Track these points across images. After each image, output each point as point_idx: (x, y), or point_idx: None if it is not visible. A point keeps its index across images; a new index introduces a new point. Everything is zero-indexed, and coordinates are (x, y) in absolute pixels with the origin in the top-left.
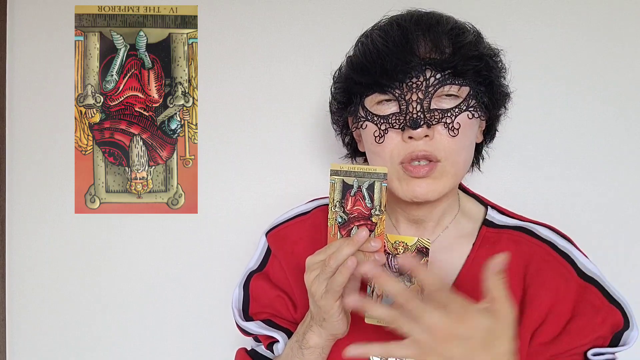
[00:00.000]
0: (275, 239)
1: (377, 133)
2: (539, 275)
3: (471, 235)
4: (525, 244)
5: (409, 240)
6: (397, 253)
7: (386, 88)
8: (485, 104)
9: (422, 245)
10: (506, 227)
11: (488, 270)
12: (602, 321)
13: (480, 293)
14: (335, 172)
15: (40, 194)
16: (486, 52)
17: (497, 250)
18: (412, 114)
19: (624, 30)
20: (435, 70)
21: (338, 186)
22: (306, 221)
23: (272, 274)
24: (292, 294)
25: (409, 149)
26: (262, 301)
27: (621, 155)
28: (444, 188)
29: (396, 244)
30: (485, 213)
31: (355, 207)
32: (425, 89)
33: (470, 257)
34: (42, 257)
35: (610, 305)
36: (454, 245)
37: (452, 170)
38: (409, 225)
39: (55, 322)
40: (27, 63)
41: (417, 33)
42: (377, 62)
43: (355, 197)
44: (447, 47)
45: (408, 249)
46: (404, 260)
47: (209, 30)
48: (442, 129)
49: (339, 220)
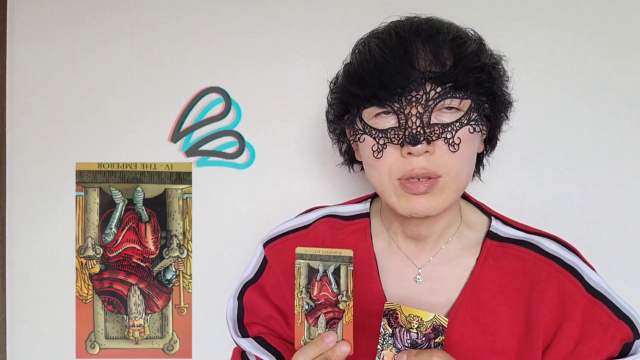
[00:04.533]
0: (274, 253)
1: (376, 147)
2: (544, 293)
3: (475, 247)
4: (531, 260)
5: (424, 316)
6: (410, 327)
7: (384, 101)
8: (487, 115)
9: (439, 323)
10: (511, 241)
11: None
12: (611, 338)
13: (484, 310)
14: (301, 255)
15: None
16: (488, 62)
17: (502, 265)
18: (411, 129)
19: (624, 34)
20: (435, 84)
21: (304, 270)
22: (307, 236)
23: (267, 286)
24: (285, 309)
25: (408, 165)
26: (257, 313)
27: (621, 157)
28: (445, 203)
29: (410, 318)
30: (489, 224)
31: (322, 292)
32: (425, 102)
33: (474, 272)
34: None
35: (619, 320)
36: (458, 258)
37: (454, 186)
38: (408, 242)
39: (55, 322)
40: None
41: (416, 44)
42: (374, 74)
43: (321, 282)
44: (448, 59)
45: (423, 324)
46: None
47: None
48: (442, 144)
49: (305, 307)
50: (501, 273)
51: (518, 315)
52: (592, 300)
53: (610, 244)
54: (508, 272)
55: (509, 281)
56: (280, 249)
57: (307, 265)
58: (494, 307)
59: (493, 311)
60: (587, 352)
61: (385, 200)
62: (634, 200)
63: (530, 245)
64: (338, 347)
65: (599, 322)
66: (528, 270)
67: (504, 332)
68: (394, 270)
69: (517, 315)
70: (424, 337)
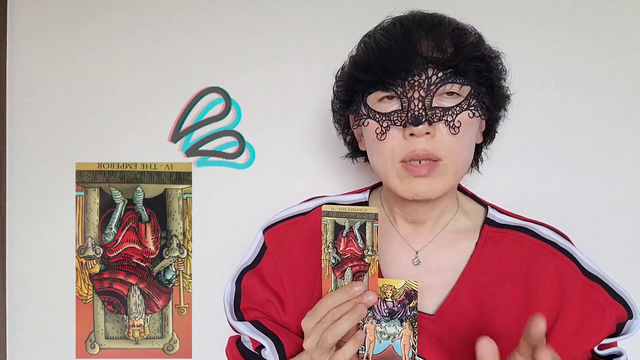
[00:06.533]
0: (273, 237)
1: (379, 130)
2: (542, 275)
3: (473, 233)
4: (528, 244)
5: (396, 284)
6: (385, 297)
7: (388, 85)
8: (486, 104)
9: (410, 288)
10: (508, 227)
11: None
12: (608, 318)
13: (483, 293)
14: (327, 213)
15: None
16: (487, 54)
17: (501, 250)
18: (413, 111)
19: (623, 32)
20: (437, 69)
21: (330, 227)
22: (305, 222)
23: (266, 272)
24: (283, 295)
25: (410, 147)
26: (253, 299)
27: (621, 157)
28: (445, 186)
29: (384, 288)
30: (486, 212)
31: (348, 248)
32: (427, 86)
33: (474, 256)
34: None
35: (614, 301)
36: (456, 241)
37: (453, 169)
38: (407, 225)
39: (55, 322)
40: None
41: (419, 32)
42: (379, 60)
43: (347, 237)
44: (449, 47)
45: (396, 292)
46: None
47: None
48: (443, 127)
49: (332, 261)
50: (500, 257)
51: (517, 299)
52: (588, 282)
53: (610, 244)
54: (507, 256)
55: (507, 265)
56: (280, 234)
57: (334, 222)
58: (493, 291)
59: (492, 295)
60: (589, 332)
61: (388, 184)
62: (634, 200)
63: (527, 230)
64: (365, 295)
65: (596, 303)
66: (526, 254)
67: (503, 316)
68: (392, 254)
69: (517, 298)
70: (399, 304)
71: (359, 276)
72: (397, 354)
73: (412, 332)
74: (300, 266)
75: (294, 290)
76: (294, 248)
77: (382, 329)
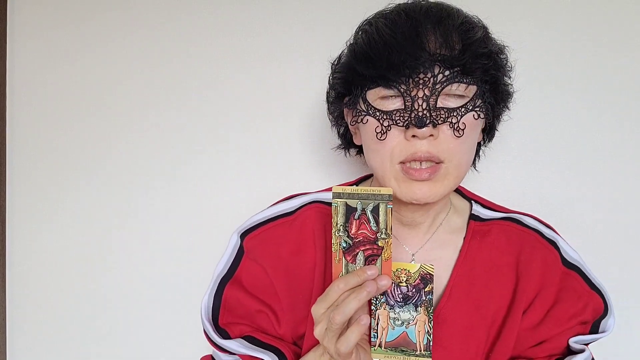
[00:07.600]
0: (257, 242)
1: (380, 129)
2: (529, 263)
3: (461, 229)
4: (515, 232)
5: (411, 268)
6: (400, 282)
7: (392, 82)
8: (490, 104)
9: (426, 272)
10: (493, 219)
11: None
12: (584, 306)
13: (476, 286)
14: (338, 194)
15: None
16: (494, 49)
17: (489, 242)
18: (417, 112)
19: (625, 31)
20: (444, 67)
21: (341, 209)
22: (292, 223)
23: (247, 281)
24: (274, 305)
25: (411, 149)
26: (239, 312)
27: (621, 157)
28: (445, 190)
29: (398, 272)
30: (471, 208)
31: (360, 230)
32: (432, 85)
33: (462, 250)
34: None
35: (591, 291)
36: (447, 241)
37: (455, 172)
38: (402, 228)
39: (55, 322)
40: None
41: (427, 26)
42: (383, 54)
43: (359, 220)
44: (457, 44)
45: (411, 276)
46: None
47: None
48: (447, 128)
49: (343, 245)
50: (489, 249)
51: (508, 287)
52: (567, 271)
53: (610, 244)
54: (495, 247)
55: (497, 256)
56: (264, 239)
57: (345, 204)
58: (485, 282)
59: (485, 286)
60: (559, 314)
61: (384, 185)
62: (634, 200)
63: (512, 219)
64: (379, 280)
65: (573, 290)
66: (513, 242)
67: (496, 306)
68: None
69: (507, 287)
70: (414, 288)
71: (372, 260)
72: (412, 341)
73: (428, 318)
74: (293, 271)
75: (290, 296)
76: (283, 253)
77: (395, 314)
